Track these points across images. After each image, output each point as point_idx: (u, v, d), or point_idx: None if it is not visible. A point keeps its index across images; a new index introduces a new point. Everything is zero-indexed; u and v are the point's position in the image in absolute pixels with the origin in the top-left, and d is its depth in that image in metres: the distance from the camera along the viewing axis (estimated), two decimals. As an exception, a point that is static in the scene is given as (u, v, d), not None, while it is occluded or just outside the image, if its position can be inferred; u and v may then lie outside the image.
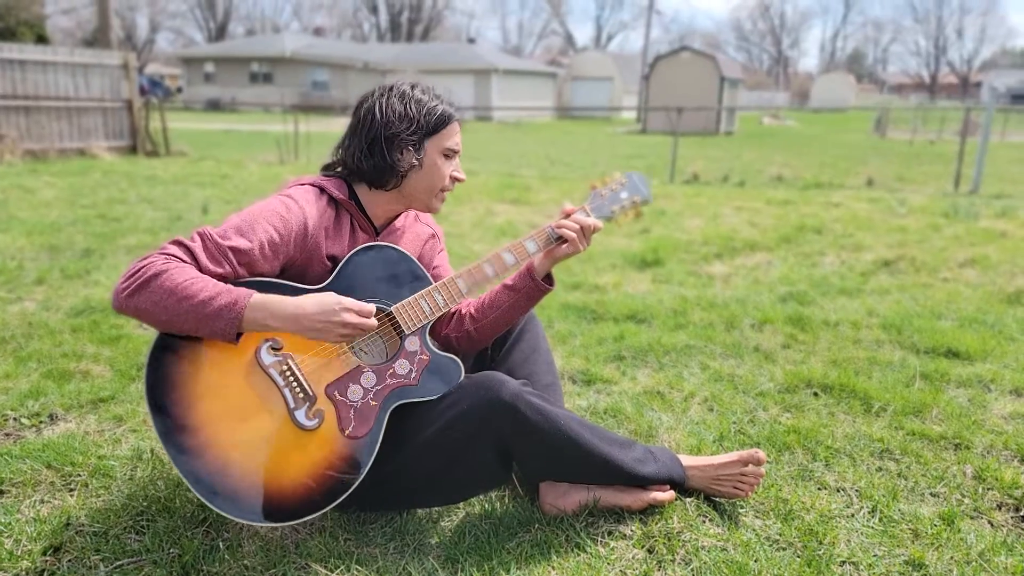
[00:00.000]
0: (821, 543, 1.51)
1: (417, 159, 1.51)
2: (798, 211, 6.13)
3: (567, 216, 1.61)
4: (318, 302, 1.36)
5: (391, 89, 1.53)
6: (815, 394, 2.31)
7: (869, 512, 1.64)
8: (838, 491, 1.74)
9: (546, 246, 1.59)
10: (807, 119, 29.63)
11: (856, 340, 2.83)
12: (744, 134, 20.27)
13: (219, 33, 51.47)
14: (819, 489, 1.74)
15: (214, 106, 30.07)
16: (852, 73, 50.49)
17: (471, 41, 44.63)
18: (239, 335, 1.33)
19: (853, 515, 1.63)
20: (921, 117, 19.33)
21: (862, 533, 1.56)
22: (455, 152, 1.57)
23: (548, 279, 1.64)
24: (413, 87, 1.53)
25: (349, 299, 1.39)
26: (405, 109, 1.49)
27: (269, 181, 7.74)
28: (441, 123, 1.52)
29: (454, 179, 1.57)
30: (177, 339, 1.36)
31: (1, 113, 8.87)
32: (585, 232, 1.59)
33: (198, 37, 52.66)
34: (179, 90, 34.91)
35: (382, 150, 1.49)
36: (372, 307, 1.40)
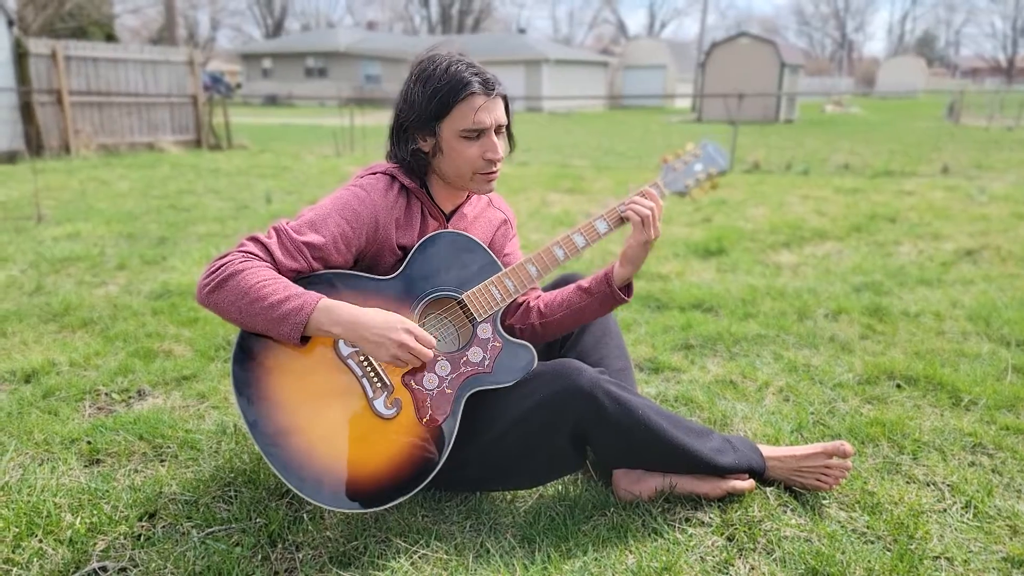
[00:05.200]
0: (912, 537, 1.44)
1: (435, 144, 1.46)
2: (868, 199, 5.87)
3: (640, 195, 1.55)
4: (384, 317, 1.34)
5: (415, 70, 1.46)
6: (898, 386, 2.20)
7: (963, 507, 1.56)
8: (928, 485, 1.65)
9: (617, 226, 1.55)
10: (873, 105, 28.33)
11: (940, 331, 2.69)
12: (805, 122, 19.54)
13: (276, 29, 52.95)
14: (907, 483, 1.66)
15: (271, 101, 30.97)
16: (922, 57, 47.92)
17: (521, 31, 44.52)
18: (306, 339, 1.34)
19: (945, 510, 1.55)
20: (999, 102, 18.18)
21: (956, 528, 1.48)
22: (477, 132, 1.43)
23: (626, 290, 1.58)
24: (436, 65, 1.42)
25: (414, 324, 1.37)
26: (417, 94, 1.42)
27: (327, 173, 7.92)
28: (447, 104, 1.40)
29: (487, 159, 1.45)
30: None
31: (76, 109, 9.35)
32: (656, 214, 1.49)
33: (256, 34, 54.35)
34: (238, 86, 36.02)
35: (402, 138, 1.49)
36: (433, 340, 1.37)
